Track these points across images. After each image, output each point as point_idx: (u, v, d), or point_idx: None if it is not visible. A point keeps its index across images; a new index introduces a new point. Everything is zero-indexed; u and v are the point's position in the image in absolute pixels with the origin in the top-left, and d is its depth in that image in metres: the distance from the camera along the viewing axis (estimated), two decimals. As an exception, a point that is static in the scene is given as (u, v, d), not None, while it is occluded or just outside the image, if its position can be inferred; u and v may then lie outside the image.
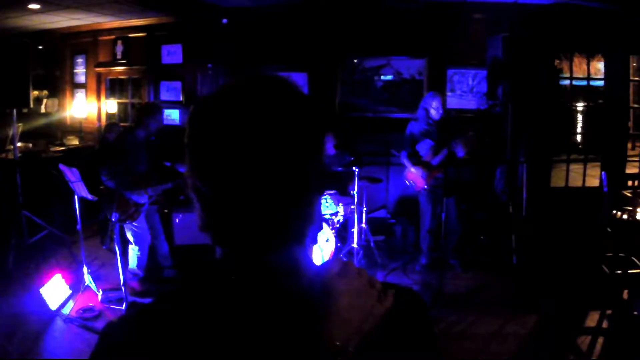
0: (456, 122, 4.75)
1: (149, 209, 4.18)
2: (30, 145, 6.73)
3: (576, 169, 5.88)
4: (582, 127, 6.97)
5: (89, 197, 4.19)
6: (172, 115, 6.72)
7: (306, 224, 0.68)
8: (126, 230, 4.10)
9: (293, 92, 0.67)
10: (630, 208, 4.28)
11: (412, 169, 4.67)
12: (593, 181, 5.60)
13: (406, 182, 4.86)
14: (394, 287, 0.71)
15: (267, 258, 0.66)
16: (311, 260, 0.71)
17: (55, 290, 3.88)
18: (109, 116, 7.37)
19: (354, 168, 4.75)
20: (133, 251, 4.18)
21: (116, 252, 3.71)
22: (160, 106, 4.67)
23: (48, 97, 7.78)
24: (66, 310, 3.80)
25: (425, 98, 4.75)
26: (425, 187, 4.63)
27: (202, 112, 0.65)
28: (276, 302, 0.65)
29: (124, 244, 4.08)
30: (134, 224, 4.05)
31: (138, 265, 4.19)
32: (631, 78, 5.74)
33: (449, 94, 5.89)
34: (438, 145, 4.58)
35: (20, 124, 5.89)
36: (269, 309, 0.65)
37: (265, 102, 0.64)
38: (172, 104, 6.71)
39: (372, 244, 4.97)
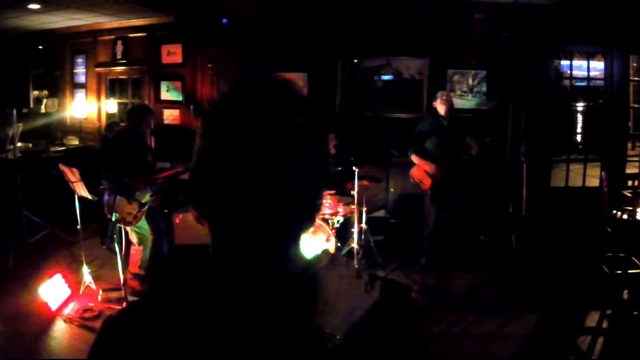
0: (464, 121, 4.75)
1: (151, 208, 4.18)
2: (30, 145, 6.73)
3: (576, 169, 5.89)
4: (582, 127, 6.98)
5: (89, 197, 4.19)
6: (172, 115, 6.72)
7: (302, 220, 0.69)
8: (130, 232, 4.10)
9: (300, 96, 0.70)
10: (630, 208, 4.28)
11: (422, 163, 4.65)
12: (593, 181, 5.61)
13: (412, 181, 4.85)
14: (380, 278, 0.73)
15: (260, 250, 0.67)
16: (302, 253, 0.72)
17: (55, 290, 3.88)
18: (109, 116, 7.37)
19: (354, 168, 4.75)
20: (136, 252, 4.17)
21: (116, 252, 3.71)
22: (150, 107, 4.69)
23: (48, 97, 7.77)
24: (66, 310, 3.80)
25: (432, 98, 4.78)
26: (432, 186, 4.63)
27: (215, 116, 0.69)
28: (268, 294, 0.67)
29: (125, 244, 4.08)
30: (138, 225, 4.05)
31: (140, 266, 4.18)
32: (631, 78, 5.75)
33: (449, 94, 5.90)
34: (445, 143, 4.58)
35: (20, 124, 5.89)
36: (261, 301, 0.66)
37: (275, 105, 0.67)
38: (172, 104, 6.71)
39: (372, 244, 4.97)
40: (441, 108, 4.63)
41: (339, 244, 4.83)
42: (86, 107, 7.47)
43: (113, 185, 3.88)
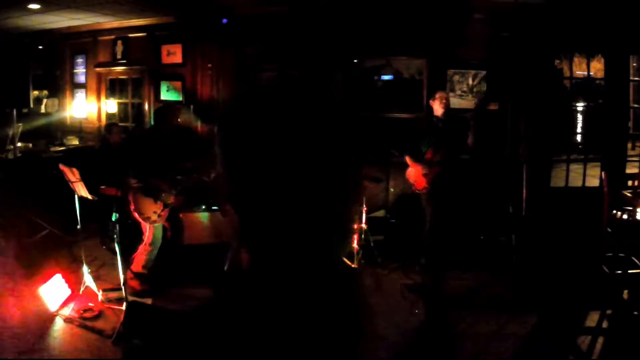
0: (459, 121, 4.75)
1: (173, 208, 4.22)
2: (30, 145, 6.74)
3: (576, 169, 5.89)
4: (582, 127, 6.98)
5: (89, 197, 4.19)
6: (172, 115, 6.72)
7: (336, 229, 0.66)
8: (147, 229, 4.11)
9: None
10: (630, 208, 4.29)
11: (414, 166, 4.67)
12: (593, 181, 5.61)
13: (408, 182, 4.86)
14: (422, 294, 0.70)
15: (300, 246, 0.65)
16: (343, 270, 0.69)
17: (55, 290, 3.88)
18: (109, 116, 7.38)
19: (354, 168, 4.75)
20: (146, 251, 4.17)
21: (116, 252, 3.71)
22: (176, 106, 4.74)
23: (48, 97, 7.78)
24: (66, 311, 3.80)
25: (430, 97, 4.78)
26: (427, 186, 4.63)
27: (236, 110, 0.68)
28: (310, 318, 0.63)
29: (125, 243, 4.07)
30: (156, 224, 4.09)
31: (144, 265, 4.18)
32: (631, 78, 5.75)
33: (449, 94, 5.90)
34: (438, 144, 4.58)
35: (20, 124, 5.90)
36: (302, 328, 0.63)
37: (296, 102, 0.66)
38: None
39: (372, 244, 4.97)
40: (437, 109, 4.63)
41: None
42: (86, 107, 7.47)
43: (144, 184, 3.93)
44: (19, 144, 6.02)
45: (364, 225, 4.95)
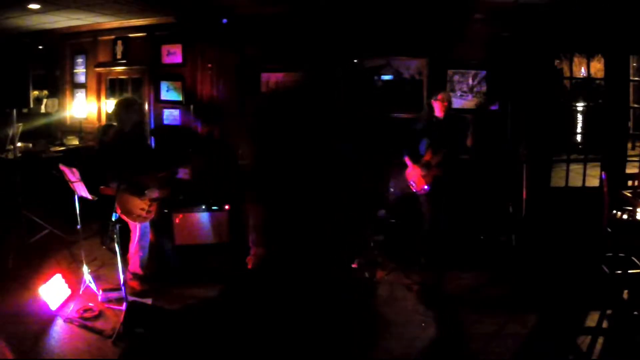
0: (459, 121, 4.75)
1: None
2: (30, 145, 6.74)
3: (576, 169, 5.89)
4: (582, 127, 6.98)
5: (89, 197, 4.20)
6: (172, 115, 6.72)
7: (346, 233, 0.66)
8: (135, 228, 4.10)
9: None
10: (630, 208, 4.28)
11: (413, 167, 4.67)
12: (593, 181, 5.61)
13: (408, 182, 4.86)
14: (422, 294, 0.69)
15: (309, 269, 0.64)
16: (344, 270, 0.69)
17: (55, 290, 3.88)
18: (109, 116, 7.37)
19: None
20: (135, 252, 4.16)
21: (116, 252, 3.71)
22: (133, 99, 4.52)
23: (48, 97, 7.78)
24: (66, 310, 3.80)
25: (431, 97, 4.77)
26: (425, 187, 4.63)
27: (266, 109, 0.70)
28: (312, 317, 0.63)
29: (125, 244, 4.08)
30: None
31: (140, 265, 4.18)
32: (631, 78, 5.75)
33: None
34: (438, 144, 4.58)
35: (20, 124, 5.89)
36: (315, 331, 0.62)
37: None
38: (172, 104, 6.71)
39: (372, 244, 4.96)
40: (438, 109, 4.62)
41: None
42: (86, 107, 7.47)
43: (125, 184, 3.90)
44: (19, 144, 6.02)
45: (364, 225, 4.95)
